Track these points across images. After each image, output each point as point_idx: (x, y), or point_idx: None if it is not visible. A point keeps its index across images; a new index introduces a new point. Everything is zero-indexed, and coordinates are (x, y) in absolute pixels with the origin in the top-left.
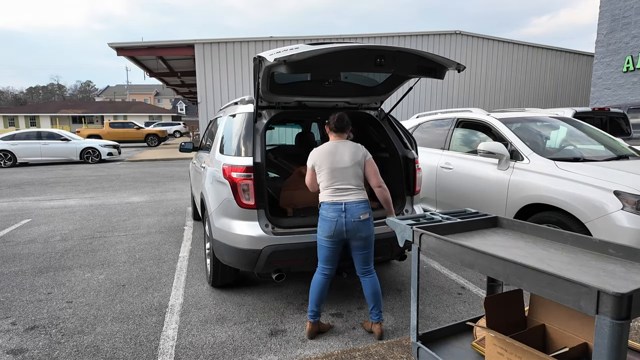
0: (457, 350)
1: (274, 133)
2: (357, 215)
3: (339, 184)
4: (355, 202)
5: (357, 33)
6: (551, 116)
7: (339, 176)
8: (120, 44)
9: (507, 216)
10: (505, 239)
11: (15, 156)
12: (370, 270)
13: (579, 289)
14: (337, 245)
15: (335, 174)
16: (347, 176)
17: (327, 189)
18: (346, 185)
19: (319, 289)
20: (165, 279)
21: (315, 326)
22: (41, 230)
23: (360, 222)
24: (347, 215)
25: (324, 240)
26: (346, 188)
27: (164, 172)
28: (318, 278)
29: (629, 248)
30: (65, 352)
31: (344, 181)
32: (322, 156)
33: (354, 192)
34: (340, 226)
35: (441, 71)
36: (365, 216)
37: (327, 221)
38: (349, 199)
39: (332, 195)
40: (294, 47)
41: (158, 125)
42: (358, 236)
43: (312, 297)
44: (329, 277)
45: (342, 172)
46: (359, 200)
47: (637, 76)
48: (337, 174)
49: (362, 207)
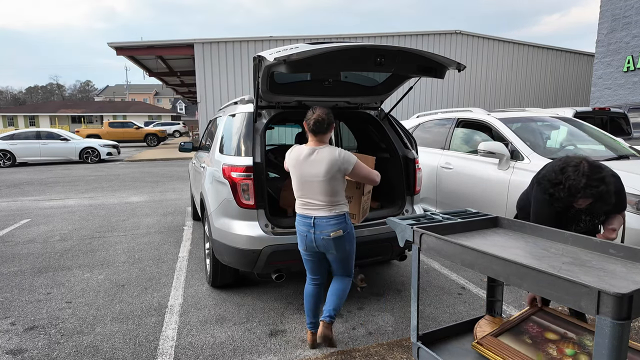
0: (457, 351)
1: (274, 133)
2: (326, 233)
3: (307, 198)
4: (325, 218)
5: (358, 33)
6: (552, 116)
7: (307, 189)
8: (119, 44)
9: (507, 216)
10: (505, 239)
11: (14, 156)
12: (349, 274)
13: (580, 289)
14: (315, 258)
15: (304, 186)
16: (317, 191)
17: (298, 199)
18: (314, 199)
19: (312, 299)
20: (165, 279)
21: (315, 336)
22: (40, 230)
23: (330, 240)
24: (316, 232)
25: (302, 253)
26: (315, 203)
27: (163, 172)
28: (309, 289)
29: (629, 248)
30: (65, 352)
31: (312, 195)
32: (292, 162)
33: (325, 207)
34: (310, 242)
35: (441, 71)
36: (336, 234)
37: (299, 234)
38: (318, 214)
39: (301, 207)
40: (293, 47)
41: (157, 125)
42: (330, 252)
43: (307, 307)
44: (320, 285)
45: (311, 185)
46: (330, 215)
47: (637, 76)
48: (306, 187)
49: (334, 223)
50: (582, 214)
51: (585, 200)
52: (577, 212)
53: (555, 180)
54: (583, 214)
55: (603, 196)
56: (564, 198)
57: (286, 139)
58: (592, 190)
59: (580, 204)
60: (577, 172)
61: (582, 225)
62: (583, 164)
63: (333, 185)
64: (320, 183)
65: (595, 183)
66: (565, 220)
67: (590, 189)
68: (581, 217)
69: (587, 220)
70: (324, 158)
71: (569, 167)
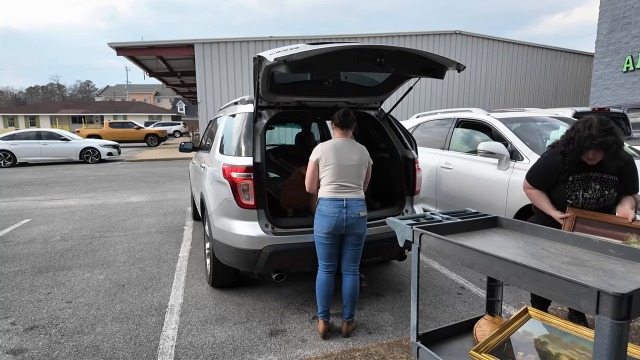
0: (457, 351)
1: (274, 133)
2: (357, 212)
3: (343, 181)
4: (355, 199)
5: (358, 33)
6: (551, 116)
7: (344, 173)
8: (119, 44)
9: (507, 216)
10: (505, 239)
11: (15, 156)
12: (356, 270)
13: (579, 289)
14: (335, 241)
15: (342, 170)
16: (352, 174)
17: (329, 184)
18: (350, 183)
19: (326, 287)
20: (165, 279)
21: (328, 325)
22: (41, 230)
23: (359, 219)
24: (348, 212)
25: (322, 237)
26: (349, 186)
27: (163, 172)
28: (322, 277)
29: (629, 248)
30: (65, 352)
31: (348, 178)
32: (330, 151)
33: (354, 190)
34: (340, 222)
35: (441, 71)
36: (364, 213)
37: (327, 217)
38: (349, 196)
39: (334, 191)
40: (294, 47)
41: (158, 125)
42: (355, 232)
43: (321, 296)
44: (333, 273)
45: (349, 169)
46: (358, 197)
47: (637, 76)
48: (343, 171)
49: (361, 204)
50: (592, 181)
51: (595, 153)
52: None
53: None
54: (592, 180)
55: (611, 147)
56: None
57: (286, 139)
58: (600, 140)
59: (590, 157)
60: (585, 125)
61: (590, 193)
62: (592, 119)
63: (361, 171)
64: (354, 167)
65: (603, 133)
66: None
67: (598, 139)
68: (590, 184)
69: (596, 188)
70: (357, 148)
71: (579, 123)
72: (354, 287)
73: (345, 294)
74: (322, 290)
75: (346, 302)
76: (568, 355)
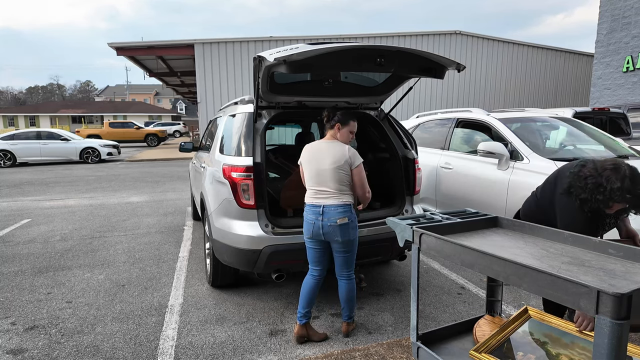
0: (457, 351)
1: (274, 133)
2: (334, 220)
3: (319, 186)
4: (335, 206)
5: (358, 33)
6: (551, 116)
7: (320, 178)
8: (119, 44)
9: (507, 216)
10: (505, 239)
11: (15, 156)
12: (350, 275)
13: (579, 289)
14: (321, 247)
15: (317, 174)
16: (328, 179)
17: (309, 189)
18: (327, 187)
19: (309, 291)
20: (165, 279)
21: (303, 329)
22: (41, 230)
23: (337, 227)
24: (324, 219)
25: (307, 241)
26: (327, 191)
27: (163, 172)
28: (309, 280)
29: (628, 248)
30: (65, 352)
31: (323, 184)
32: (305, 155)
33: (335, 196)
34: (317, 229)
35: (441, 71)
36: (342, 221)
37: (307, 223)
38: (328, 202)
39: (312, 197)
40: (294, 47)
41: (158, 125)
42: (335, 240)
43: (301, 298)
44: (318, 278)
45: (323, 173)
46: (338, 204)
47: (637, 76)
48: (317, 176)
49: (341, 211)
50: (607, 218)
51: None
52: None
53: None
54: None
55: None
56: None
57: (286, 139)
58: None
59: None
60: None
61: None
62: (623, 168)
63: (339, 175)
64: (327, 172)
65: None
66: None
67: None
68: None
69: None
70: (332, 151)
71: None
72: (349, 291)
73: (341, 298)
74: (305, 293)
75: (344, 306)
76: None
